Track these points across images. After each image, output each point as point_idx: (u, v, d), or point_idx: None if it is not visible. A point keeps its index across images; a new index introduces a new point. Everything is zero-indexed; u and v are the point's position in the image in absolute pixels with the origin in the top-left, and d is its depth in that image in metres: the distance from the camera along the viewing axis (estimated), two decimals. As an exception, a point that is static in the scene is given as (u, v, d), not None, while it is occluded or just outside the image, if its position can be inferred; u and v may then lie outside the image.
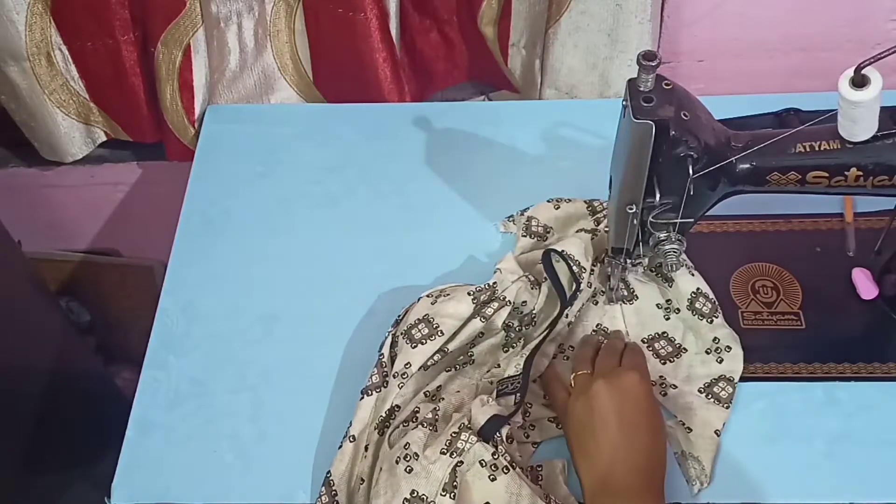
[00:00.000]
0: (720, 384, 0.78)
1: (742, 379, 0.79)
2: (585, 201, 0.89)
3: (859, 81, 0.61)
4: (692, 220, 0.72)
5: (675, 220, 0.71)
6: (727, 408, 0.77)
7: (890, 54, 0.60)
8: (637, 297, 0.84)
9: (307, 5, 1.02)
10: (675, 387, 0.79)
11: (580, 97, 1.06)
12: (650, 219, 0.71)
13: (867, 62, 0.60)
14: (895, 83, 0.73)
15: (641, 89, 0.64)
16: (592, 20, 0.98)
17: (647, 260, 0.82)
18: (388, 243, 0.90)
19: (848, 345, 0.82)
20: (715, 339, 0.80)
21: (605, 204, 0.88)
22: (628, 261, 0.78)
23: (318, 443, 0.77)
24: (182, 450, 0.78)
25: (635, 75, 0.64)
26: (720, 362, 0.79)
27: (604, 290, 0.84)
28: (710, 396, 0.77)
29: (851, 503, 0.73)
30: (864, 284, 0.84)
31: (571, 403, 0.73)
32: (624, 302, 0.84)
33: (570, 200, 0.89)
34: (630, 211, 0.71)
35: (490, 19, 1.02)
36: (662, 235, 0.71)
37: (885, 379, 0.79)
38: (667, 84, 0.65)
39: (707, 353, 0.80)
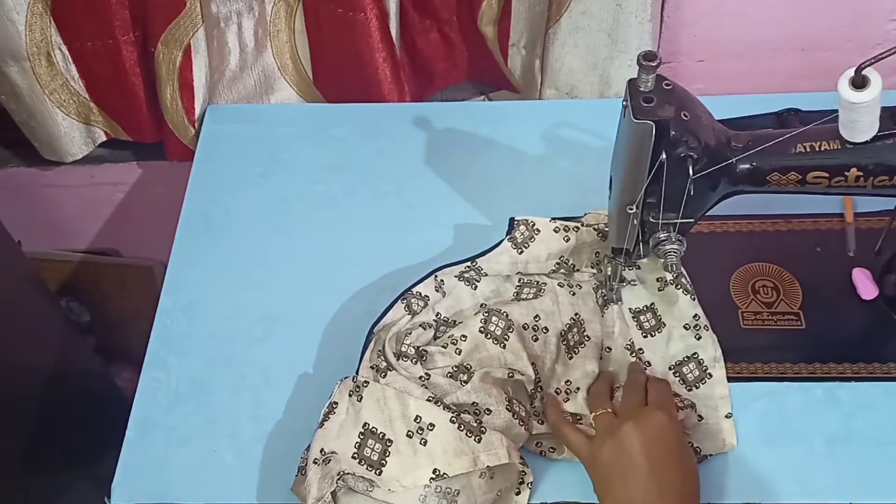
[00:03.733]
0: (690, 365, 0.80)
1: (742, 379, 0.79)
2: (595, 228, 0.85)
3: (859, 82, 0.61)
4: (692, 220, 0.71)
5: (675, 220, 0.70)
6: (689, 391, 0.79)
7: (890, 55, 0.60)
8: (639, 267, 0.85)
9: (307, 5, 1.02)
10: (650, 364, 0.81)
11: (580, 97, 1.06)
12: (650, 219, 0.71)
13: (867, 63, 0.60)
14: (895, 83, 0.73)
15: (641, 89, 0.64)
16: (592, 20, 0.98)
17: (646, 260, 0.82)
18: (388, 243, 0.90)
19: (848, 345, 0.82)
20: (695, 315, 0.81)
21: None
22: (628, 261, 0.78)
23: (318, 443, 0.77)
24: (182, 450, 0.78)
25: (635, 75, 0.64)
26: (698, 339, 0.80)
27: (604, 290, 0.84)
28: (676, 375, 0.80)
29: (851, 503, 0.73)
30: (864, 284, 0.84)
31: (597, 447, 0.71)
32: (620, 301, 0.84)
33: (577, 228, 0.85)
34: (630, 211, 0.71)
35: (490, 19, 1.02)
36: (662, 235, 0.71)
37: (885, 379, 0.79)
38: (667, 84, 0.65)
39: (686, 328, 0.81)
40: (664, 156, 0.65)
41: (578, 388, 0.78)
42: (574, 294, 0.82)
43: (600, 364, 0.80)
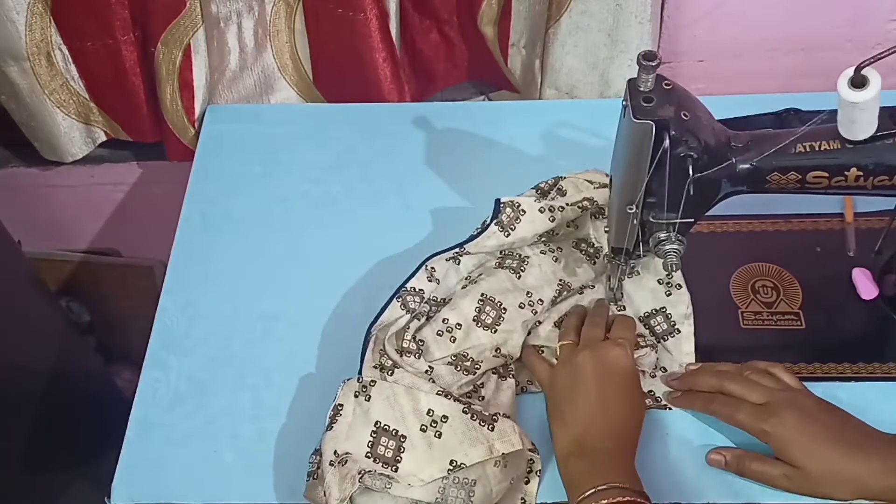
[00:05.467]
0: (658, 318, 0.82)
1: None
2: (580, 206, 0.84)
3: (858, 82, 0.61)
4: (692, 220, 0.72)
5: (675, 220, 0.71)
6: (657, 342, 0.81)
7: (890, 54, 0.60)
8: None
9: (307, 5, 1.02)
10: (624, 308, 0.83)
11: (580, 97, 1.06)
12: (650, 218, 0.71)
13: (867, 62, 0.60)
14: (895, 83, 0.73)
15: (641, 89, 0.64)
16: (592, 20, 0.98)
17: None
18: (388, 243, 0.90)
19: (848, 345, 0.82)
20: (669, 273, 0.81)
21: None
22: (629, 261, 0.79)
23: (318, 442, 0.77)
24: (182, 450, 0.78)
25: (635, 75, 0.64)
26: (668, 295, 0.82)
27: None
28: (646, 327, 0.82)
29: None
30: (864, 284, 0.84)
31: (556, 372, 0.76)
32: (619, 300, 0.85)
33: (562, 208, 0.84)
34: (630, 211, 0.71)
35: (490, 19, 1.02)
36: (662, 235, 0.72)
37: (885, 379, 0.79)
38: (667, 84, 0.65)
39: (659, 283, 0.83)
40: (664, 156, 0.65)
41: (541, 322, 0.81)
42: (556, 260, 0.84)
43: (578, 300, 0.83)
